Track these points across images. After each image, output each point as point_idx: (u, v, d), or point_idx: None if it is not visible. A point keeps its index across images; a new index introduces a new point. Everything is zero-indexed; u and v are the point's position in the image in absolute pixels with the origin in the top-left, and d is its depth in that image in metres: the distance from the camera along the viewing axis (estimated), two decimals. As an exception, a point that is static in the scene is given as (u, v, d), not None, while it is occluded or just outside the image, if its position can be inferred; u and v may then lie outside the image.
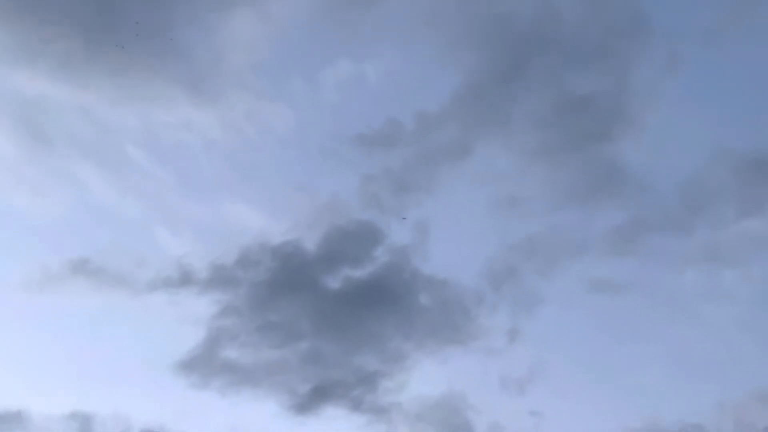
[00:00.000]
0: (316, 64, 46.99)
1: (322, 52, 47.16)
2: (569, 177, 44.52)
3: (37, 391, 37.60)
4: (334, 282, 42.11)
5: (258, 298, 41.51)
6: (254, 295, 41.55)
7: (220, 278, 41.46)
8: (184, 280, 41.06)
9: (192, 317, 40.18)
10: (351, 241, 42.62)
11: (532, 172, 44.68)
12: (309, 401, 38.81)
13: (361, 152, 44.69)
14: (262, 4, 45.51)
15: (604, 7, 45.79)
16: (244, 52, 45.29)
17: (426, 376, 40.08)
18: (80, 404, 37.48)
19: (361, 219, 43.35)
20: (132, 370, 39.47)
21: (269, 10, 45.67)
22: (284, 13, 45.81)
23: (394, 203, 43.64)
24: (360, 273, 42.37)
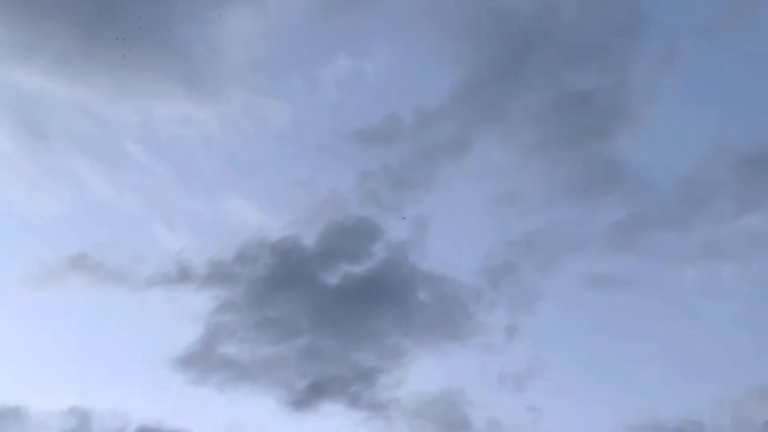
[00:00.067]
0: (314, 60, 47.00)
1: (321, 48, 47.18)
2: (568, 173, 44.54)
3: (36, 387, 37.77)
4: (333, 278, 42.21)
5: (256, 294, 41.62)
6: (252, 291, 41.67)
7: (219, 274, 41.57)
8: (183, 276, 41.16)
9: (190, 313, 40.30)
10: (349, 237, 42.68)
11: (531, 169, 44.70)
12: (307, 397, 38.89)
13: (360, 148, 44.70)
14: (261, 1, 45.52)
15: (603, 3, 45.75)
16: (243, 48, 45.31)
17: (424, 372, 40.14)
18: (78, 400, 37.59)
19: (360, 215, 43.42)
20: (130, 366, 39.58)
21: (267, 7, 45.67)
22: (283, 9, 45.81)
23: (393, 199, 43.69)
24: (358, 269, 42.47)
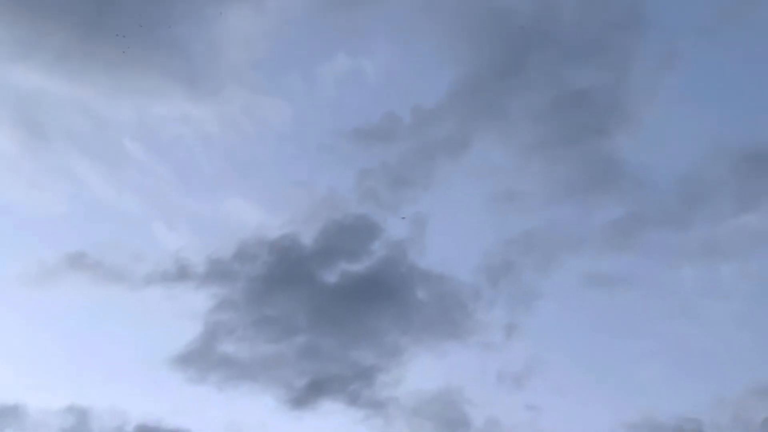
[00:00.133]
0: (313, 59, 46.99)
1: (320, 47, 47.16)
2: (567, 172, 44.51)
3: (34, 385, 37.60)
4: (331, 276, 42.19)
5: (255, 293, 41.59)
6: (251, 289, 41.63)
7: (218, 272, 41.53)
8: (182, 274, 41.11)
9: (189, 311, 40.26)
10: (348, 236, 42.64)
11: (530, 167, 44.65)
12: (306, 395, 38.85)
13: (359, 147, 44.67)
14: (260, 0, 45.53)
15: (602, 2, 45.77)
16: (242, 47, 45.27)
17: (423, 371, 40.11)
18: (77, 398, 37.53)
19: (359, 213, 43.38)
20: (129, 365, 39.51)
21: (267, 5, 45.65)
22: (282, 8, 45.81)
23: (392, 198, 43.65)
24: (357, 267, 42.41)
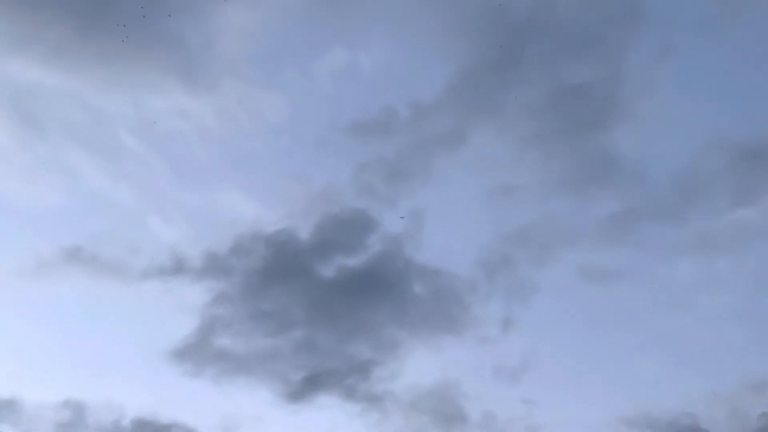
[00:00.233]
0: (310, 52, 46.86)
1: (316, 40, 46.97)
2: (563, 166, 44.57)
3: (30, 379, 37.79)
4: (328, 270, 42.21)
5: (251, 287, 41.63)
6: (248, 283, 41.68)
7: (214, 266, 41.55)
8: (178, 268, 41.12)
9: (185, 305, 40.35)
10: (345, 230, 42.66)
11: (527, 161, 44.69)
12: (302, 389, 39.00)
13: (355, 141, 44.64)
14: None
15: (599, -5, 45.68)
16: (239, 40, 45.14)
17: (419, 365, 40.30)
18: (73, 392, 37.68)
19: (355, 207, 43.41)
20: (125, 358, 39.66)
21: (263, -1, 45.53)
22: (278, 1, 45.64)
23: (389, 192, 43.68)
24: (353, 262, 42.48)
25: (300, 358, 39.93)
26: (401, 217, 42.49)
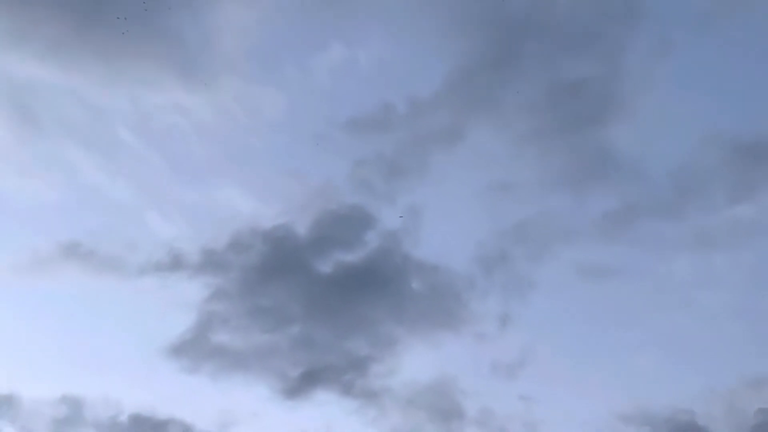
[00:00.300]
0: (307, 48, 46.80)
1: (314, 36, 46.91)
2: (561, 162, 44.50)
3: (28, 375, 37.71)
4: (325, 266, 42.18)
5: (249, 283, 41.59)
6: (245, 279, 41.63)
7: (211, 262, 41.50)
8: (175, 264, 41.07)
9: (183, 301, 40.24)
10: (342, 226, 42.60)
11: (524, 157, 44.62)
12: (300, 385, 38.98)
13: (353, 137, 44.52)
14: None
15: (597, -8, 45.65)
16: (236, 36, 45.07)
17: (417, 361, 40.29)
18: (71, 388, 37.69)
19: (353, 203, 43.28)
20: (123, 354, 39.66)
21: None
22: (276, -4, 45.66)
23: (386, 188, 43.62)
24: (351, 258, 42.43)
25: (297, 354, 39.99)
26: (400, 217, 42.54)
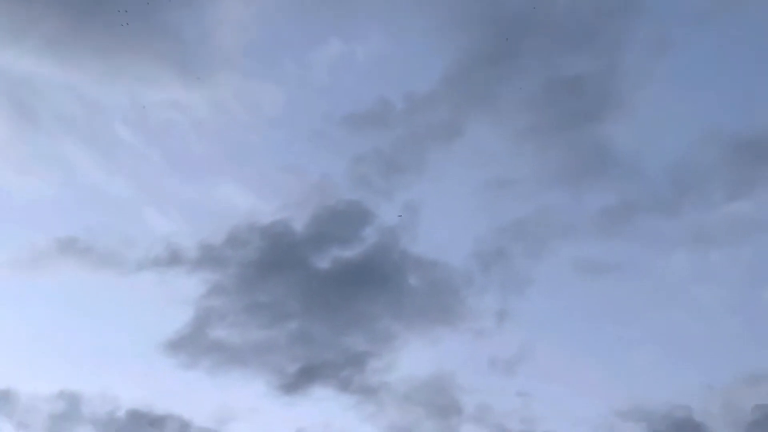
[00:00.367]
0: (305, 44, 46.76)
1: (312, 32, 46.86)
2: (559, 158, 44.46)
3: (25, 371, 37.68)
4: (323, 262, 42.13)
5: (246, 278, 41.55)
6: (243, 275, 41.59)
7: (209, 258, 41.42)
8: (173, 259, 41.04)
9: (180, 297, 40.16)
10: (340, 222, 42.57)
11: (522, 154, 44.59)
12: (297, 381, 38.95)
13: (351, 132, 44.53)
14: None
15: (596, -12, 45.60)
16: (234, 32, 45.06)
17: (415, 357, 40.19)
18: (68, 383, 37.68)
19: (351, 199, 43.24)
20: (120, 350, 39.61)
21: (259, -10, 45.42)
22: (274, -8, 45.61)
23: (384, 184, 43.57)
24: (349, 253, 42.40)
25: (295, 349, 39.96)
26: (399, 216, 42.52)
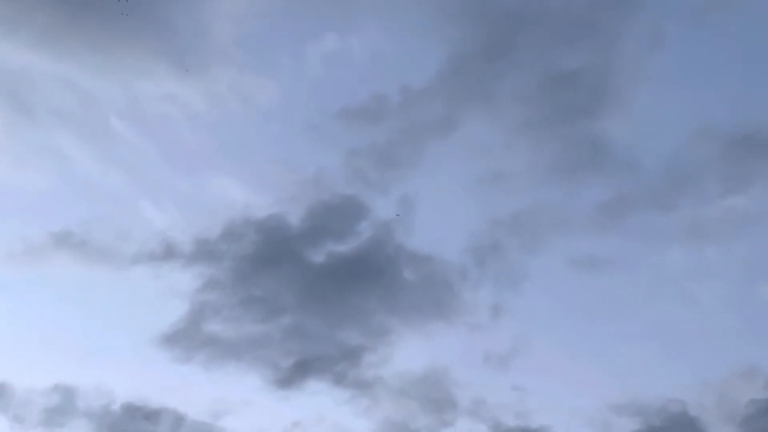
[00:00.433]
0: (301, 38, 46.60)
1: (308, 26, 46.69)
2: (554, 153, 44.35)
3: (20, 364, 37.63)
4: (318, 256, 42.06)
5: (241, 273, 41.47)
6: (238, 269, 41.49)
7: (204, 252, 41.34)
8: (168, 253, 40.88)
9: (175, 291, 40.13)
10: (335, 216, 42.48)
11: (517, 148, 44.50)
12: (292, 375, 38.99)
13: (346, 127, 44.38)
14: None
15: (591, -18, 45.49)
16: (230, 25, 44.92)
17: (409, 351, 40.25)
18: (63, 377, 37.65)
19: (346, 193, 43.10)
20: (115, 344, 39.61)
21: (255, -17, 45.31)
22: (270, -14, 45.48)
23: (379, 178, 43.42)
24: (344, 248, 42.31)
25: (290, 344, 39.95)
26: (397, 215, 42.49)
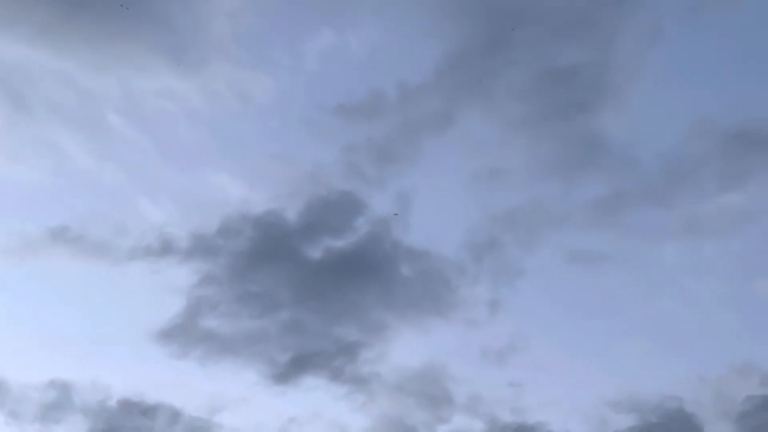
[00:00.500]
0: (298, 33, 46.56)
1: (305, 21, 46.66)
2: (551, 149, 44.44)
3: (16, 360, 37.57)
4: (315, 252, 42.06)
5: (238, 268, 41.45)
6: (235, 264, 41.50)
7: (201, 247, 41.33)
8: (165, 249, 40.84)
9: (172, 286, 40.07)
10: (332, 212, 42.48)
11: (514, 144, 44.56)
12: (289, 371, 39.00)
13: (344, 122, 44.39)
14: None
15: (589, -21, 45.48)
16: (227, 21, 44.85)
17: (406, 347, 40.33)
18: (59, 373, 37.56)
19: (343, 189, 43.11)
20: (111, 339, 39.53)
21: (252, -21, 45.26)
22: (267, -19, 45.44)
23: (376, 174, 43.48)
24: (341, 243, 42.33)
25: (286, 339, 39.97)
26: (395, 214, 42.49)
